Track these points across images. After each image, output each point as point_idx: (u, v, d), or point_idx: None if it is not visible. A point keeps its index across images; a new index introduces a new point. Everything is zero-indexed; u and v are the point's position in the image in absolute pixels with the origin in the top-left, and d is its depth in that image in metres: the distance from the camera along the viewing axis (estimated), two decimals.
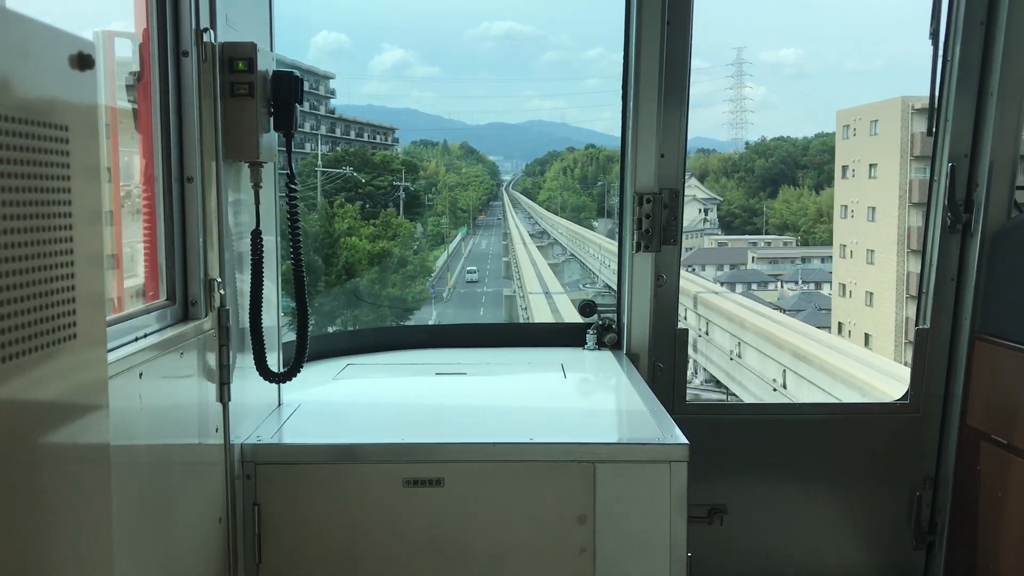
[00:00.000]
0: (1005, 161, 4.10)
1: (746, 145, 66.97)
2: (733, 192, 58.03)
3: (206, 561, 2.77)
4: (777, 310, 32.52)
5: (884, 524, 4.58)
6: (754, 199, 56.93)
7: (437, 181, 43.95)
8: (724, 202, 57.26)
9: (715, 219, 55.75)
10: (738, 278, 44.64)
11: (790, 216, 53.45)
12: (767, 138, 63.80)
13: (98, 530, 1.65)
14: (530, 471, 2.98)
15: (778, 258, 47.98)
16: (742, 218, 56.61)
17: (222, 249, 2.78)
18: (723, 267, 47.36)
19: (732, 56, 79.73)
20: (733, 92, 78.86)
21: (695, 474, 2.93)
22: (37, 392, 1.42)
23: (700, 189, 54.55)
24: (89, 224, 1.56)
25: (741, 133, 77.40)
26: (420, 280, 29.19)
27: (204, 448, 2.74)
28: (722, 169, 60.96)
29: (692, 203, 51.31)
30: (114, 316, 2.33)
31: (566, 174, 55.70)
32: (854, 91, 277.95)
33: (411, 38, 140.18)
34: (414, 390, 4.07)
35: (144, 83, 2.58)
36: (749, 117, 78.82)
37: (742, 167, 59.95)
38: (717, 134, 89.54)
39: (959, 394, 4.31)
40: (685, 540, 2.94)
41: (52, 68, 1.47)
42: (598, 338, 4.56)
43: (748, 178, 58.41)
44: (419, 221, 35.08)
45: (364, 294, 24.95)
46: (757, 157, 60.15)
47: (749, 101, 78.88)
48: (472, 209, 48.10)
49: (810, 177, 54.44)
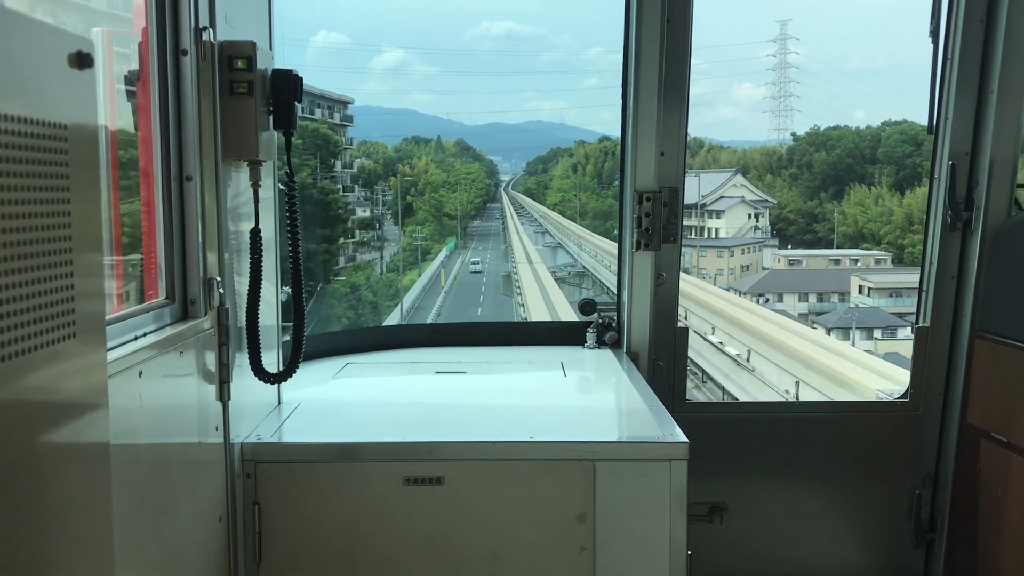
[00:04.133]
0: (1005, 159, 4.10)
1: (793, 136, 55.09)
2: (784, 192, 46.86)
3: (206, 560, 2.77)
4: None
5: (884, 522, 4.58)
6: (813, 201, 45.55)
7: (418, 180, 37.14)
8: (775, 205, 46.00)
9: (766, 226, 45.02)
10: (847, 319, 29.38)
11: (867, 223, 41.76)
12: (820, 127, 51.11)
13: (98, 529, 1.65)
14: (530, 470, 2.98)
15: (896, 287, 31.38)
16: (798, 225, 45.21)
17: (221, 248, 2.78)
18: (811, 296, 34.42)
19: (775, 30, 66.12)
20: (776, 74, 66.84)
21: (695, 472, 2.93)
22: (37, 391, 1.42)
23: (749, 189, 45.58)
24: (88, 224, 1.56)
25: (786, 122, 65.10)
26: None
27: (204, 447, 2.74)
28: (766, 165, 49.48)
29: (740, 206, 43.78)
30: (113, 315, 2.33)
31: (576, 171, 48.21)
32: (853, 91, 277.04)
33: (411, 38, 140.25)
34: (414, 389, 4.07)
35: (143, 82, 2.58)
36: (795, 103, 65.61)
37: (795, 162, 48.27)
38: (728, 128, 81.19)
39: (959, 392, 4.31)
40: (685, 538, 2.94)
41: (51, 67, 1.47)
42: (598, 336, 4.56)
43: (804, 175, 47.06)
44: (381, 242, 28.17)
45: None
46: (814, 149, 47.69)
47: (796, 84, 65.82)
48: (463, 214, 40.59)
49: (886, 174, 43.67)
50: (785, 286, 34.58)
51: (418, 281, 32.14)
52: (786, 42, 66.04)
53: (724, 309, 26.90)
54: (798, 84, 66.57)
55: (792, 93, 65.58)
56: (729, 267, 40.37)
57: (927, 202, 4.48)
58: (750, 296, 33.10)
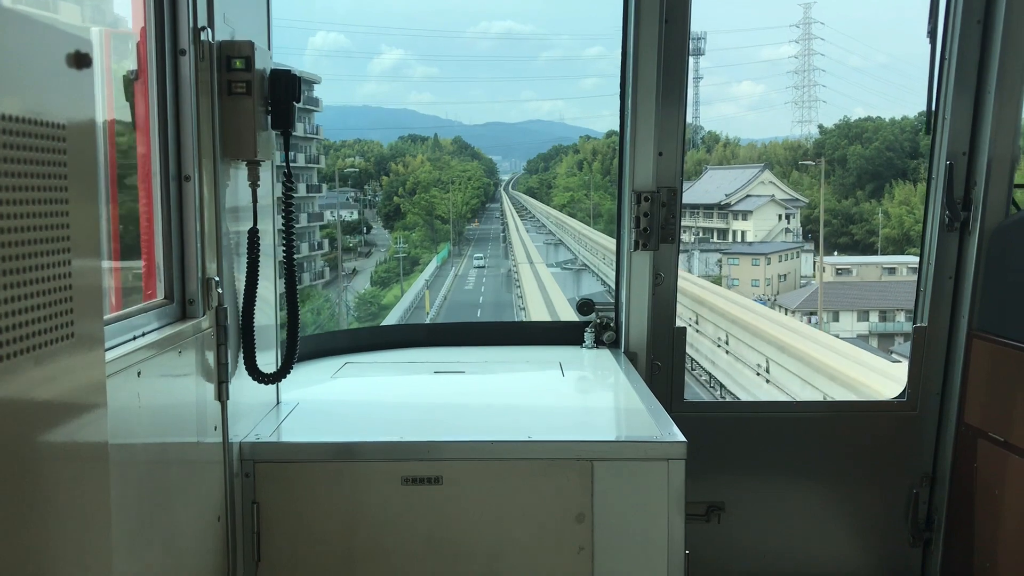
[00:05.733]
0: (1003, 159, 4.11)
1: (821, 129, 49.99)
2: (813, 190, 42.27)
3: (205, 559, 2.77)
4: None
5: (881, 521, 4.58)
6: (848, 200, 40.71)
7: (407, 179, 33.29)
8: (806, 204, 41.40)
9: (798, 228, 40.53)
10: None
11: (915, 225, 35.36)
12: (850, 118, 45.48)
13: (97, 529, 1.66)
14: (528, 469, 2.98)
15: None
16: (832, 226, 40.21)
17: (220, 248, 2.78)
18: (873, 314, 27.62)
19: (798, 15, 61.27)
20: (799, 61, 61.91)
21: (693, 472, 2.93)
22: (35, 391, 1.42)
23: (779, 187, 40.63)
24: (86, 224, 1.56)
25: (810, 114, 60.49)
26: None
27: (203, 446, 2.74)
28: (790, 160, 45.45)
29: (770, 205, 38.56)
30: (112, 315, 2.33)
31: (583, 169, 45.00)
32: (855, 89, 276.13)
33: (410, 39, 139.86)
34: (412, 388, 4.07)
35: (141, 82, 2.58)
36: (821, 93, 61.63)
37: (827, 156, 43.69)
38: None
39: (956, 392, 4.31)
40: (683, 538, 2.94)
41: (49, 67, 1.47)
42: (596, 336, 4.57)
43: (838, 171, 42.40)
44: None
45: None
46: (848, 143, 42.91)
47: (821, 72, 60.76)
48: (458, 217, 36.40)
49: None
50: (840, 303, 28.23)
51: (399, 303, 28.05)
52: (810, 26, 60.11)
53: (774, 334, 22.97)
54: (823, 72, 61.02)
55: (816, 82, 60.29)
56: (766, 277, 34.48)
57: (924, 202, 4.49)
58: (799, 315, 27.93)
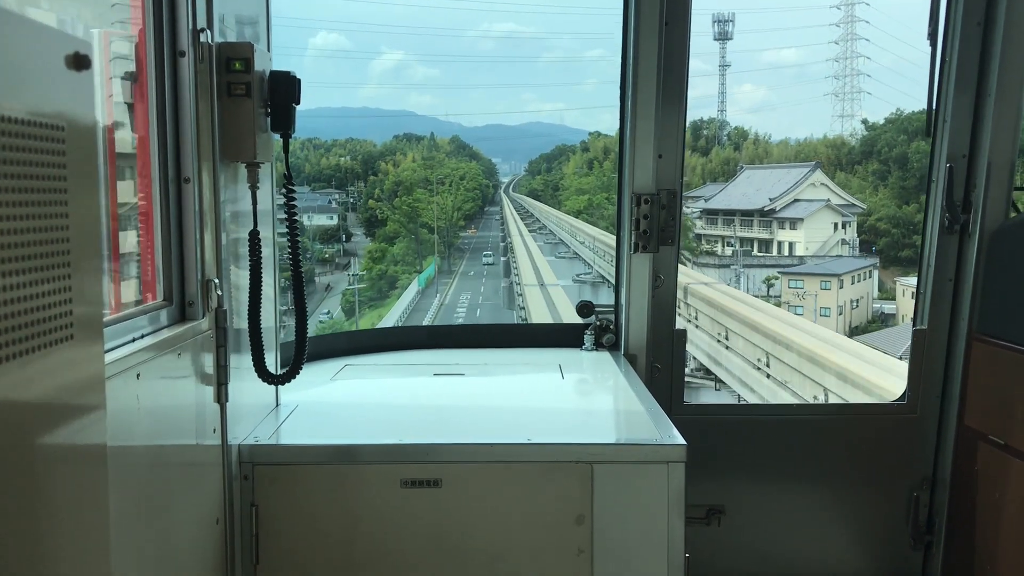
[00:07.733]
0: (1003, 162, 4.11)
1: (865, 124, 43.63)
2: (866, 195, 36.74)
3: (203, 562, 2.77)
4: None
5: (882, 524, 4.58)
6: (911, 205, 33.94)
7: (384, 180, 27.81)
8: (863, 211, 35.59)
9: (854, 238, 34.60)
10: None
11: None
12: (903, 111, 38.77)
13: (95, 531, 1.65)
14: (528, 472, 2.97)
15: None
16: (892, 236, 34.10)
17: (219, 250, 2.77)
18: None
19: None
20: (841, 48, 54.90)
21: (693, 475, 2.93)
22: (34, 392, 1.41)
23: (833, 190, 34.27)
24: (86, 224, 1.56)
25: (852, 107, 53.18)
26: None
27: (202, 449, 2.74)
28: (834, 159, 39.66)
29: (824, 211, 32.33)
30: (111, 316, 2.33)
31: (593, 168, 40.54)
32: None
33: (410, 41, 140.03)
34: (412, 391, 4.07)
35: (141, 83, 2.58)
36: (865, 83, 53.07)
37: (879, 155, 37.51)
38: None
39: (956, 395, 4.31)
40: (683, 541, 2.94)
41: (48, 68, 1.46)
42: (596, 339, 4.56)
43: (895, 173, 36.39)
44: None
45: None
46: (906, 138, 36.04)
47: (865, 61, 53.31)
48: (448, 224, 30.40)
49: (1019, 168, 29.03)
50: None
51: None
52: (853, 7, 53.47)
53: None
54: (868, 60, 53.21)
55: (860, 71, 53.93)
56: (838, 304, 28.29)
57: (924, 205, 4.49)
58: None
